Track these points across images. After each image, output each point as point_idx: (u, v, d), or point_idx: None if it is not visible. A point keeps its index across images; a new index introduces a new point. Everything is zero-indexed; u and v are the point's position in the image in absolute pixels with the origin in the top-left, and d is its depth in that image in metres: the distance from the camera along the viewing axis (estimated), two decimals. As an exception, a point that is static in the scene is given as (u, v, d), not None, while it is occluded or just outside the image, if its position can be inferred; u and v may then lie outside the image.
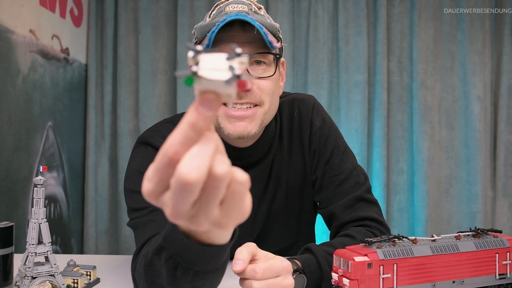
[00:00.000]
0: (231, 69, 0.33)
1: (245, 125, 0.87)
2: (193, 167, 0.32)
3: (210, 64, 0.34)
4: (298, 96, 1.04)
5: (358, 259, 0.63)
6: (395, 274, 0.64)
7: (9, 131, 1.50)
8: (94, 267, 0.92)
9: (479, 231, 0.72)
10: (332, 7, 2.19)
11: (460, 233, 0.72)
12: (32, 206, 0.76)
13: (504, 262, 0.70)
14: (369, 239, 0.67)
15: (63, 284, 0.78)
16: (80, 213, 2.12)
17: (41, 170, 0.75)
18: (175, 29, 2.17)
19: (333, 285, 0.67)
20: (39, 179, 0.75)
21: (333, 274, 0.67)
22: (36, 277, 0.76)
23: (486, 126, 2.18)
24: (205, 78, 0.33)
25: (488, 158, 2.17)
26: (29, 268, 0.75)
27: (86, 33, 2.17)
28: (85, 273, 0.88)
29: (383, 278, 0.63)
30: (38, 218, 0.75)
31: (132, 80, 2.20)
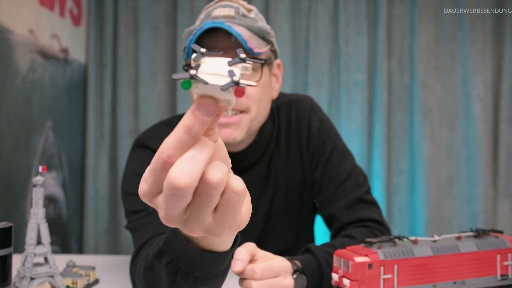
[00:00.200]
0: (231, 75, 0.32)
1: (231, 132, 0.86)
2: (184, 172, 0.32)
3: (211, 68, 0.33)
4: (296, 98, 1.04)
5: (359, 260, 0.63)
6: (396, 275, 0.64)
7: (9, 131, 1.49)
8: (94, 268, 0.91)
9: (480, 232, 0.72)
10: (332, 7, 2.19)
11: (461, 234, 0.71)
12: (31, 207, 0.75)
13: (506, 263, 0.69)
14: (370, 240, 0.67)
15: (63, 285, 0.78)
16: (80, 213, 2.12)
17: (41, 171, 0.74)
18: (175, 29, 2.17)
19: (333, 286, 0.67)
20: (38, 179, 0.74)
21: (334, 275, 0.67)
22: (35, 278, 0.76)
23: (487, 126, 2.17)
24: (203, 82, 0.32)
25: (489, 158, 2.17)
26: (28, 269, 0.75)
27: (86, 33, 2.16)
28: (84, 274, 0.88)
29: (384, 279, 0.63)
30: (37, 219, 0.75)
31: (132, 80, 2.19)
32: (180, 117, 0.80)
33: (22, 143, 1.58)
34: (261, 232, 1.00)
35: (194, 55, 0.34)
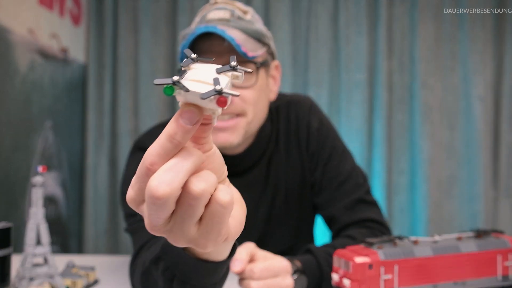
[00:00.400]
0: (215, 83, 0.31)
1: (227, 136, 0.86)
2: (163, 181, 0.31)
3: (198, 75, 0.32)
4: (295, 98, 1.03)
5: (359, 260, 0.62)
6: (396, 275, 0.63)
7: (8, 132, 1.49)
8: (93, 268, 0.91)
9: (481, 232, 0.71)
10: (332, 7, 2.18)
11: (462, 234, 0.71)
12: (31, 207, 0.75)
13: (507, 263, 0.69)
14: (370, 240, 0.67)
15: (62, 286, 0.78)
16: (79, 213, 2.12)
17: (40, 171, 0.74)
18: (175, 29, 2.17)
19: (334, 286, 0.67)
20: (38, 180, 0.74)
21: (334, 275, 0.66)
22: (35, 279, 0.76)
23: (488, 126, 2.17)
24: (184, 89, 0.31)
25: (490, 158, 2.17)
26: (28, 269, 0.75)
27: (86, 33, 2.16)
28: (84, 274, 0.88)
29: (384, 279, 0.63)
30: (37, 219, 0.75)
31: (132, 80, 2.19)
32: None
33: (22, 143, 1.58)
34: (261, 234, 1.00)
35: (184, 61, 0.34)
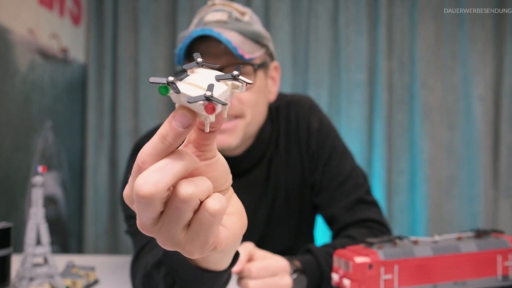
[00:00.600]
0: (209, 89, 0.31)
1: (225, 138, 0.86)
2: (149, 181, 0.31)
3: (197, 79, 0.32)
4: (295, 98, 1.03)
5: (359, 260, 0.62)
6: (396, 275, 0.63)
7: (8, 132, 1.49)
8: (93, 268, 0.91)
9: (481, 232, 0.71)
10: (332, 7, 2.18)
11: (462, 234, 0.71)
12: (31, 207, 0.75)
13: (507, 263, 0.69)
14: (370, 240, 0.67)
15: (62, 286, 0.78)
16: (79, 213, 2.12)
17: (40, 171, 0.74)
18: (175, 29, 2.17)
19: (334, 286, 0.67)
20: (38, 180, 0.74)
21: (334, 275, 0.66)
22: (35, 279, 0.76)
23: (488, 126, 2.17)
24: (175, 91, 0.31)
25: (490, 158, 2.17)
26: (28, 269, 0.75)
27: (86, 33, 2.16)
28: (84, 274, 0.88)
29: (384, 279, 0.63)
30: (37, 219, 0.75)
31: (132, 80, 2.19)
32: None
33: (22, 143, 1.58)
34: (262, 235, 1.00)
35: (189, 63, 0.34)
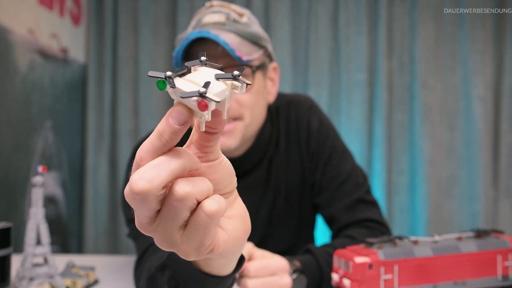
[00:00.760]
0: (205, 86, 0.31)
1: (224, 140, 0.85)
2: (144, 178, 0.31)
3: (196, 76, 0.32)
4: (295, 98, 1.03)
5: (359, 260, 0.62)
6: (396, 275, 0.63)
7: (8, 132, 1.49)
8: (93, 268, 0.91)
9: (481, 232, 0.71)
10: (332, 7, 2.18)
11: (462, 234, 0.71)
12: (31, 207, 0.75)
13: (507, 263, 0.69)
14: (370, 240, 0.66)
15: (62, 286, 0.78)
16: (80, 213, 2.12)
17: (40, 171, 0.74)
18: (175, 29, 2.17)
19: (334, 286, 0.67)
20: (38, 180, 0.74)
21: (334, 275, 0.66)
22: (35, 279, 0.76)
23: (488, 126, 2.17)
24: (170, 85, 0.31)
25: (490, 158, 2.17)
26: (28, 269, 0.75)
27: (86, 33, 2.16)
28: (84, 274, 0.88)
29: (384, 279, 0.63)
30: (37, 219, 0.75)
31: (132, 80, 2.19)
32: None
33: (22, 143, 1.58)
34: (262, 235, 1.00)
35: (191, 61, 0.34)
